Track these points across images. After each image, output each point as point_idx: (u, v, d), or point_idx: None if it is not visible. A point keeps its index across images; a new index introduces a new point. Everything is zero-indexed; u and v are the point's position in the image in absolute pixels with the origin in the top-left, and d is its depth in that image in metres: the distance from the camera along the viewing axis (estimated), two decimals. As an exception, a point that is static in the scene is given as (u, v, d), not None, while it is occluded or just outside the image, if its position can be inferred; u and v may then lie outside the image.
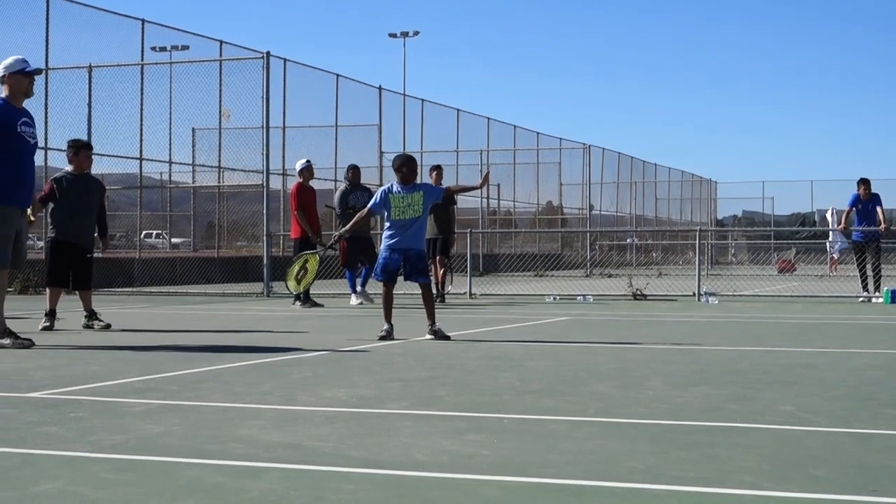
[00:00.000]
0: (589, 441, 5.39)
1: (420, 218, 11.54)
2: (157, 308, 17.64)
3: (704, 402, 6.81)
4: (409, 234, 11.50)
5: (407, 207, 11.46)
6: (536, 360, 9.36)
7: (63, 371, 8.47)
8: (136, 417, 6.10)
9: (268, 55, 22.08)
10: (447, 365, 8.91)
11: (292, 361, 9.19)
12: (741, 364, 9.04)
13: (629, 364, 8.96)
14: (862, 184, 20.41)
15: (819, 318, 15.22)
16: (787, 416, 6.20)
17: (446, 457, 4.98)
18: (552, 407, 6.59)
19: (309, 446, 5.23)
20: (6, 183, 10.13)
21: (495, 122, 45.33)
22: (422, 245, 11.70)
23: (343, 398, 6.92)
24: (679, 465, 4.78)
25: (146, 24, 26.70)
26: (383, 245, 11.66)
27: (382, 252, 11.64)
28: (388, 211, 11.55)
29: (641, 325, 13.95)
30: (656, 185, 62.42)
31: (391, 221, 11.55)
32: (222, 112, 28.58)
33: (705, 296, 19.82)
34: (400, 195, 11.50)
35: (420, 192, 11.59)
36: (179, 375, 8.14)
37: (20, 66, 10.39)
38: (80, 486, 4.38)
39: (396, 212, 11.47)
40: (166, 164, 29.54)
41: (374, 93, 34.14)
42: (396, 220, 11.48)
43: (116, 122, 26.36)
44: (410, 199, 11.48)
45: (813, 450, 5.21)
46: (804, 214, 72.93)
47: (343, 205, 17.95)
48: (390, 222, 11.57)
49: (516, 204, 48.60)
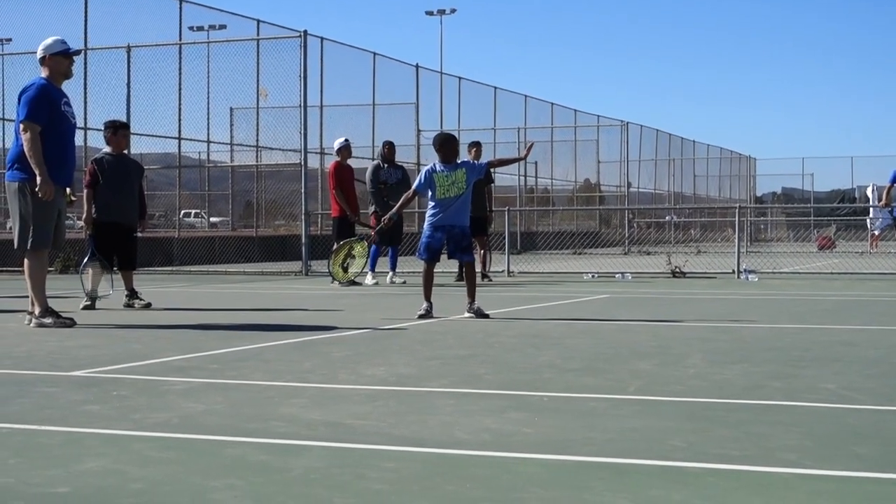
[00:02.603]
0: (630, 419, 5.38)
1: (464, 194, 11.53)
2: (197, 287, 17.73)
3: (745, 379, 6.78)
4: (453, 210, 11.49)
5: (451, 185, 11.45)
6: (576, 338, 9.36)
7: (105, 350, 8.53)
8: (178, 396, 6.14)
9: (305, 34, 22.09)
10: (486, 343, 8.91)
11: (332, 340, 9.22)
12: (781, 342, 8.99)
13: (669, 342, 8.94)
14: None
15: (859, 296, 15.13)
16: (829, 394, 6.16)
17: (487, 435, 4.99)
18: (592, 385, 6.59)
19: (350, 424, 5.25)
20: (49, 162, 10.19)
21: (532, 100, 45.28)
22: (466, 221, 11.66)
23: (383, 376, 6.94)
24: (721, 443, 4.77)
25: (184, 3, 26.83)
26: (427, 223, 11.65)
27: (426, 231, 11.63)
28: (432, 191, 11.54)
29: (680, 302, 13.90)
30: (695, 162, 62.16)
31: (436, 201, 11.54)
32: (260, 91, 28.69)
33: (745, 273, 19.73)
34: (444, 174, 11.50)
35: (462, 169, 11.58)
36: (220, 354, 8.18)
37: (60, 48, 10.46)
38: (124, 465, 4.41)
39: (441, 190, 11.47)
40: (205, 143, 29.71)
41: (411, 71, 34.15)
42: (442, 198, 11.49)
43: (155, 102, 26.52)
44: (454, 176, 11.47)
45: (855, 427, 5.18)
46: (844, 191, 72.41)
47: (375, 180, 17.91)
48: (435, 202, 11.55)
49: (554, 182, 48.55)
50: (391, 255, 18.25)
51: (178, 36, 26.87)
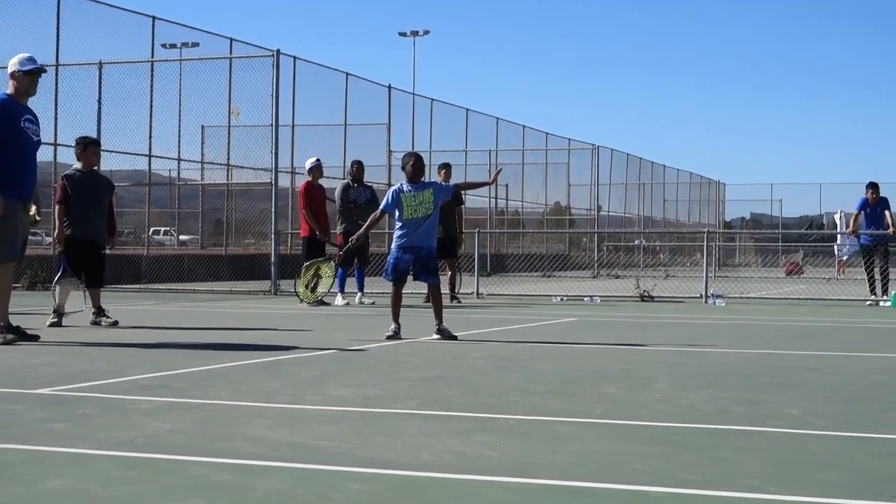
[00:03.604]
0: (594, 443, 5.40)
1: (431, 216, 11.50)
2: (165, 305, 17.67)
3: (710, 404, 6.81)
4: (420, 232, 11.47)
5: (418, 206, 11.42)
6: (543, 360, 9.38)
7: (71, 368, 8.49)
8: (144, 415, 6.12)
9: (277, 53, 22.12)
10: (454, 365, 8.92)
11: (300, 360, 9.21)
12: (748, 367, 9.04)
13: (636, 366, 8.97)
14: (870, 188, 20.41)
15: (826, 322, 15.22)
16: (793, 420, 6.20)
17: (452, 457, 4.99)
18: (558, 408, 6.61)
19: (315, 445, 5.25)
20: (9, 177, 10.18)
21: (504, 122, 45.35)
22: (433, 243, 11.64)
23: (350, 397, 6.94)
24: (684, 468, 4.79)
25: (157, 21, 26.74)
26: (394, 245, 11.62)
27: (393, 252, 11.59)
28: (399, 211, 11.50)
29: (648, 326, 13.95)
30: (664, 187, 62.39)
31: (403, 221, 11.50)
32: (231, 110, 28.64)
33: (713, 298, 19.83)
34: (411, 194, 11.47)
35: (430, 189, 11.57)
36: (187, 373, 8.16)
37: (22, 66, 10.43)
38: (87, 484, 4.40)
39: (408, 211, 11.43)
40: (175, 161, 29.60)
41: (384, 92, 34.15)
42: (408, 219, 11.45)
43: (126, 119, 26.41)
44: (421, 196, 11.45)
45: (818, 454, 5.22)
46: (812, 217, 72.87)
47: (345, 198, 17.92)
48: (402, 222, 11.52)
49: (524, 204, 48.61)
50: (358, 275, 18.23)
51: (150, 53, 26.81)
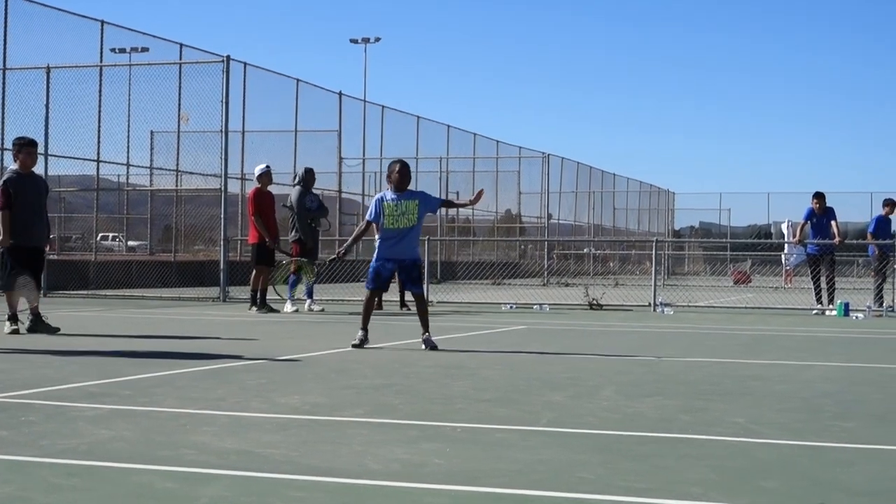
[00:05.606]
0: (540, 451, 5.42)
1: (414, 227, 11.21)
2: (112, 312, 17.53)
3: (656, 412, 6.85)
4: (404, 244, 11.19)
5: (400, 216, 11.11)
6: (491, 368, 9.39)
7: (15, 375, 8.41)
8: (88, 422, 6.08)
9: (228, 59, 22.02)
10: (402, 373, 8.92)
11: (247, 367, 9.17)
12: (694, 375, 9.10)
13: (583, 374, 9.00)
14: (816, 198, 20.58)
15: (773, 330, 15.33)
16: (738, 428, 6.25)
17: (398, 465, 4.99)
18: (505, 416, 6.62)
19: (260, 453, 5.23)
20: None
21: (455, 130, 45.36)
22: (416, 254, 11.48)
23: (297, 405, 6.92)
24: (628, 476, 4.82)
25: (105, 25, 26.54)
26: (377, 254, 11.28)
27: (375, 260, 11.26)
28: (381, 220, 11.16)
29: (597, 335, 14.01)
30: (614, 195, 62.64)
31: (384, 231, 11.17)
32: (181, 115, 28.46)
33: (661, 306, 19.92)
34: (393, 203, 11.15)
35: (415, 200, 11.24)
36: (133, 380, 8.10)
37: None
38: (29, 492, 4.36)
39: (390, 220, 11.11)
40: (124, 166, 29.39)
41: (334, 98, 34.12)
42: (390, 228, 11.13)
43: (74, 123, 26.17)
44: (405, 206, 11.12)
45: (763, 461, 5.26)
46: (760, 226, 73.42)
47: (301, 206, 17.88)
48: (383, 231, 11.19)
49: (475, 212, 48.65)
50: (307, 284, 18.16)
51: (98, 58, 26.62)
